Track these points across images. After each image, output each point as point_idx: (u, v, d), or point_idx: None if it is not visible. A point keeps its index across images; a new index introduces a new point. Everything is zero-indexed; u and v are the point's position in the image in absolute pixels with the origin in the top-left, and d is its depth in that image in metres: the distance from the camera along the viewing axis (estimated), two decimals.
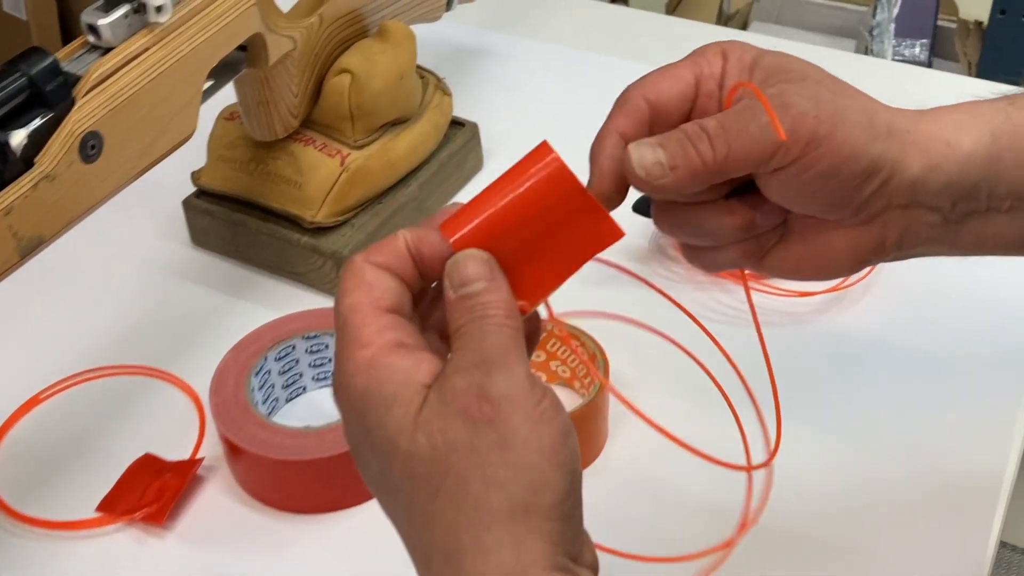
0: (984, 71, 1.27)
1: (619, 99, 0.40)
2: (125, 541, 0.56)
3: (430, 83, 0.76)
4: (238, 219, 0.70)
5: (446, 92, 0.76)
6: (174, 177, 0.71)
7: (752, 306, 0.43)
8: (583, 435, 0.57)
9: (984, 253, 0.42)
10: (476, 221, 0.36)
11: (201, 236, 0.73)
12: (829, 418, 0.60)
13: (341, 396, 0.35)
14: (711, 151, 0.38)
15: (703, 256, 0.42)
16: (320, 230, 0.69)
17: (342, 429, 0.55)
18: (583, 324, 0.61)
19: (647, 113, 0.40)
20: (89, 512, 0.56)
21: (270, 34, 0.61)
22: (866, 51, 1.57)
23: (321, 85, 0.69)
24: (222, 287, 0.71)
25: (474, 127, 0.78)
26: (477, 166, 0.79)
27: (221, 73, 0.61)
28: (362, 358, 0.33)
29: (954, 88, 0.88)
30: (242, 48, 0.61)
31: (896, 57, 1.58)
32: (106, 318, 0.69)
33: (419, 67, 0.76)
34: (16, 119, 0.48)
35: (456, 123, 0.78)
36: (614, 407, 0.60)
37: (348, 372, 0.34)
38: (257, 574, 0.55)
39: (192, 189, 0.73)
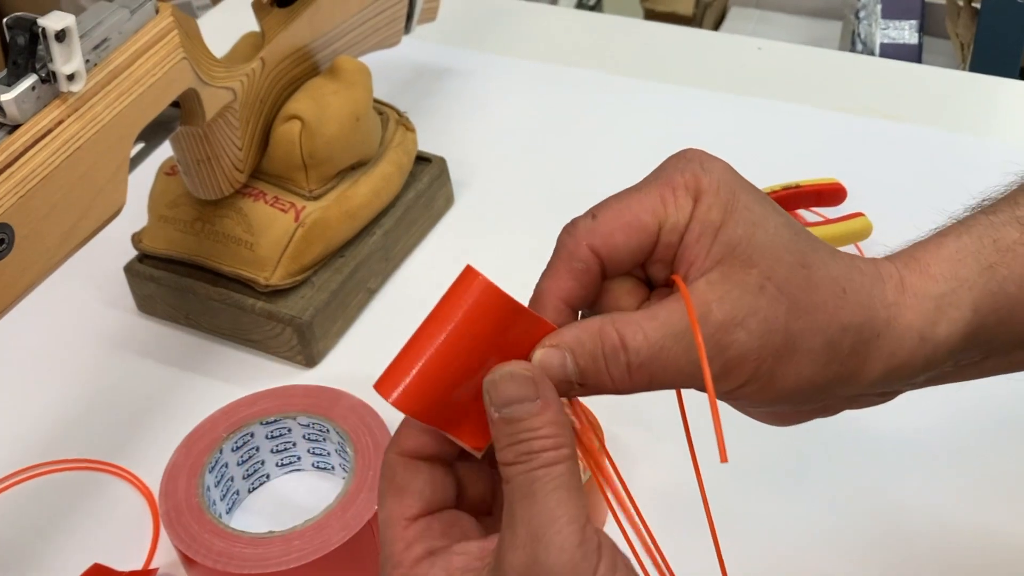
0: (979, 56, 1.21)
1: (564, 249, 0.34)
2: None
3: (390, 119, 0.70)
4: (186, 284, 0.64)
5: (409, 128, 0.70)
6: (116, 235, 0.65)
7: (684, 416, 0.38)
8: None
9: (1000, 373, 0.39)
10: (414, 370, 0.32)
11: (147, 303, 0.67)
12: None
13: None
14: (628, 378, 0.33)
15: None
16: (276, 293, 0.63)
17: (312, 530, 0.50)
18: None
19: (597, 269, 0.34)
20: None
21: (205, 87, 0.54)
22: (853, 35, 1.51)
23: (269, 132, 0.63)
24: (174, 360, 0.65)
25: (442, 162, 0.72)
26: (447, 204, 0.73)
27: (152, 134, 0.54)
28: None
29: (945, 85, 0.82)
30: (175, 104, 0.55)
31: (884, 39, 1.52)
32: (46, 403, 0.62)
33: (377, 102, 0.70)
34: None
35: (422, 159, 0.71)
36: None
37: None
38: None
39: (134, 251, 0.66)
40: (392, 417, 0.58)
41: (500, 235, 0.72)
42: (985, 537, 0.52)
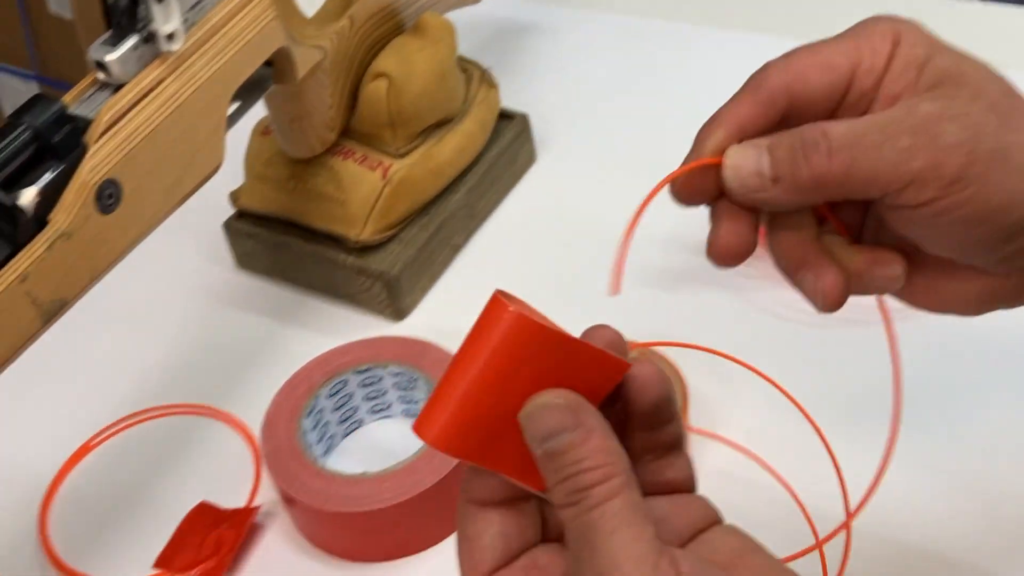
0: None
1: (753, 80, 0.33)
2: None
3: (474, 76, 0.71)
4: (281, 241, 0.67)
5: (491, 85, 0.71)
6: (216, 193, 0.68)
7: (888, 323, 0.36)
8: None
9: None
10: (450, 410, 0.30)
11: (246, 259, 0.70)
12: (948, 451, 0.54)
13: None
14: (827, 165, 0.31)
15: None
16: (366, 249, 0.65)
17: (404, 473, 0.52)
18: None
19: (782, 107, 0.33)
20: (146, 568, 0.54)
21: (296, 46, 0.56)
22: None
23: (357, 91, 0.65)
24: (272, 313, 0.68)
25: (524, 119, 0.73)
26: (529, 161, 0.74)
27: (247, 93, 0.57)
28: None
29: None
30: (268, 63, 0.57)
31: None
32: (154, 353, 0.66)
33: (461, 59, 0.71)
34: (25, 176, 0.44)
35: (504, 116, 0.73)
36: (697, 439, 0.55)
37: None
38: None
39: (232, 209, 0.69)
40: None
41: (583, 192, 0.72)
42: None
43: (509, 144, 0.72)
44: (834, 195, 0.32)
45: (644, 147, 0.74)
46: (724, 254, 0.33)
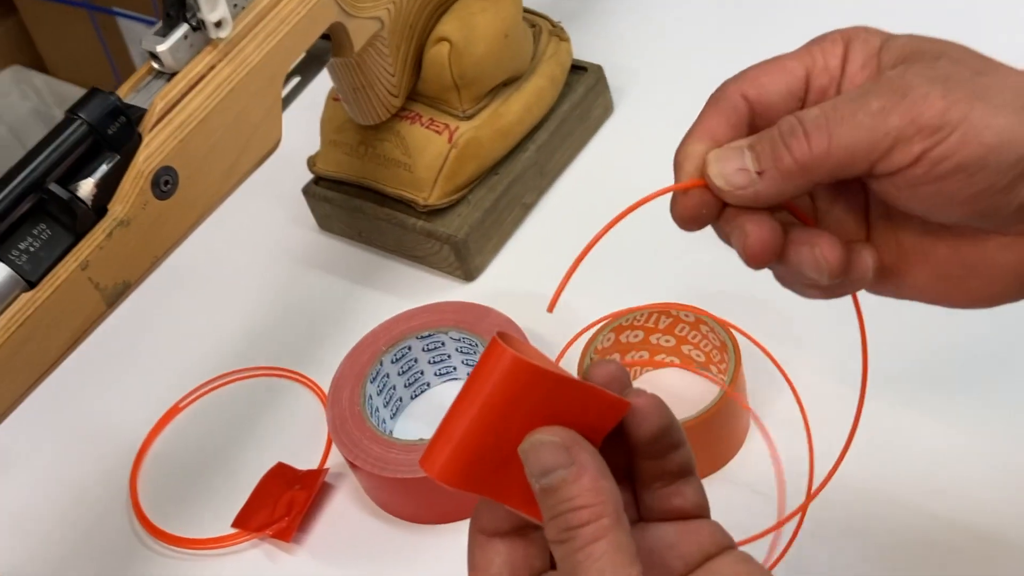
0: None
1: (713, 95, 0.34)
2: (259, 558, 0.56)
3: (543, 31, 0.70)
4: (356, 205, 0.68)
5: (562, 38, 0.70)
6: (298, 158, 0.70)
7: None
8: (711, 438, 0.52)
9: None
10: (451, 446, 0.31)
11: (325, 221, 0.72)
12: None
13: None
14: (806, 147, 0.31)
15: (794, 283, 0.35)
16: (435, 211, 0.65)
17: None
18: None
19: (745, 112, 0.33)
20: (225, 527, 0.57)
21: (351, 20, 0.57)
22: None
23: (421, 55, 0.65)
24: (350, 274, 0.69)
25: (598, 70, 0.71)
26: (605, 113, 0.73)
27: (307, 67, 0.58)
28: None
29: None
30: (325, 36, 0.57)
31: None
32: (239, 315, 0.69)
33: (528, 12, 0.70)
34: (83, 168, 0.47)
35: (578, 67, 0.71)
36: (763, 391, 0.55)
37: None
38: None
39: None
40: (544, 334, 0.60)
41: (663, 144, 0.70)
42: None
43: (582, 98, 0.71)
44: (823, 177, 0.32)
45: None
46: (759, 254, 0.33)
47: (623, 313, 0.56)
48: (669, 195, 0.34)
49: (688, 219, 0.33)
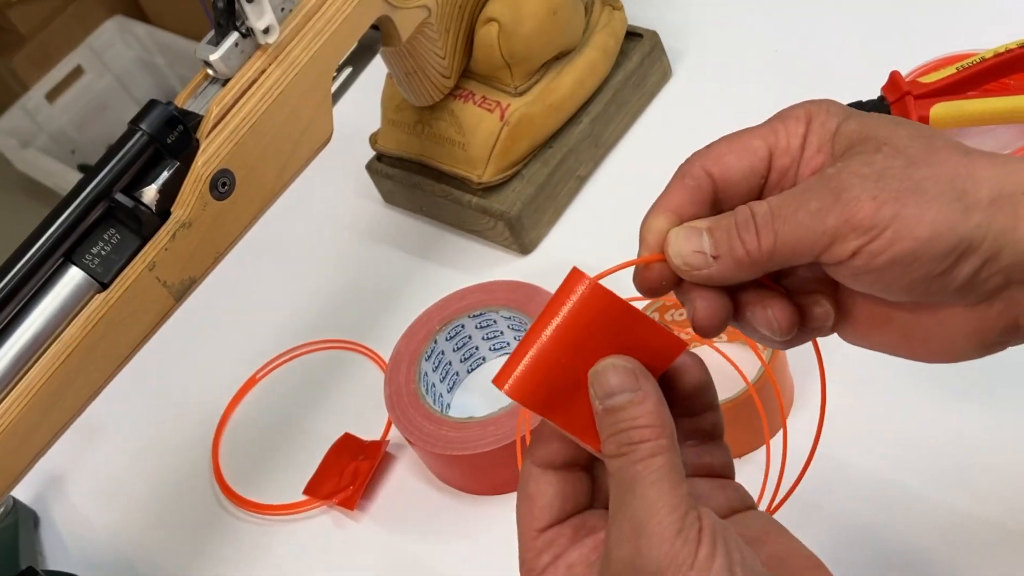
0: None
1: (680, 169, 0.36)
2: (327, 524, 0.61)
3: (595, 1, 0.70)
4: (415, 181, 0.71)
5: (616, 7, 0.70)
6: (363, 135, 0.72)
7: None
8: (746, 423, 0.53)
9: None
10: (524, 362, 0.34)
11: (389, 196, 0.74)
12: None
13: None
14: (756, 241, 0.33)
15: (758, 336, 0.36)
16: (490, 188, 0.67)
17: (505, 417, 0.56)
18: None
19: (709, 189, 0.35)
20: (297, 494, 0.62)
21: (396, 11, 0.58)
22: None
23: (473, 35, 0.66)
24: (412, 248, 0.72)
25: (654, 36, 0.72)
26: (663, 78, 0.73)
27: (358, 57, 0.60)
28: None
29: None
30: (374, 27, 0.59)
31: None
32: (311, 288, 0.73)
33: None
34: (146, 176, 0.50)
35: (632, 35, 0.72)
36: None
37: None
38: (443, 555, 0.58)
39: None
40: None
41: (723, 109, 0.70)
42: None
43: (638, 66, 0.71)
44: (773, 267, 0.34)
45: (788, 58, 0.71)
46: (706, 327, 0.35)
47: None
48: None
49: (648, 290, 0.36)
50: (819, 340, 0.38)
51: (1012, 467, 0.50)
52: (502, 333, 0.62)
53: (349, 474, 0.61)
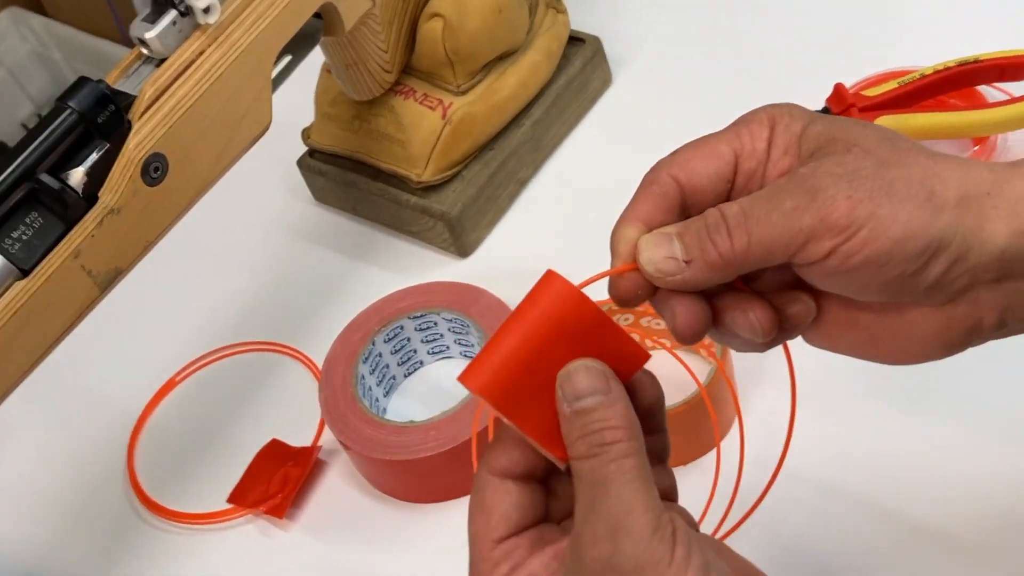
0: None
1: (645, 178, 0.35)
2: (252, 533, 0.58)
3: (540, 3, 0.69)
4: (350, 179, 0.68)
5: (559, 10, 0.70)
6: (295, 130, 0.70)
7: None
8: (696, 427, 0.53)
9: None
10: (495, 361, 0.33)
11: (321, 194, 0.72)
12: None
13: None
14: (728, 243, 0.33)
15: (719, 337, 0.36)
16: (429, 187, 0.66)
17: (447, 422, 0.54)
18: None
19: (676, 196, 0.35)
20: (221, 502, 0.58)
21: (341, 0, 0.56)
22: None
23: (416, 30, 0.64)
24: (344, 249, 0.70)
25: (596, 42, 0.71)
26: (604, 85, 0.72)
27: (298, 45, 0.57)
28: None
29: None
30: (317, 15, 0.57)
31: None
32: (236, 288, 0.70)
33: None
34: (73, 157, 0.47)
35: (575, 39, 0.71)
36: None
37: None
38: (377, 564, 0.55)
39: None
40: None
41: (661, 118, 0.70)
42: None
43: (580, 70, 0.70)
44: (747, 268, 0.33)
45: (730, 68, 0.71)
46: (688, 334, 0.34)
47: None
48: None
49: (624, 300, 0.35)
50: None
51: (956, 476, 0.50)
52: (442, 336, 0.60)
53: (277, 481, 0.58)
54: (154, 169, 0.49)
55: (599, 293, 0.35)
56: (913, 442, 0.52)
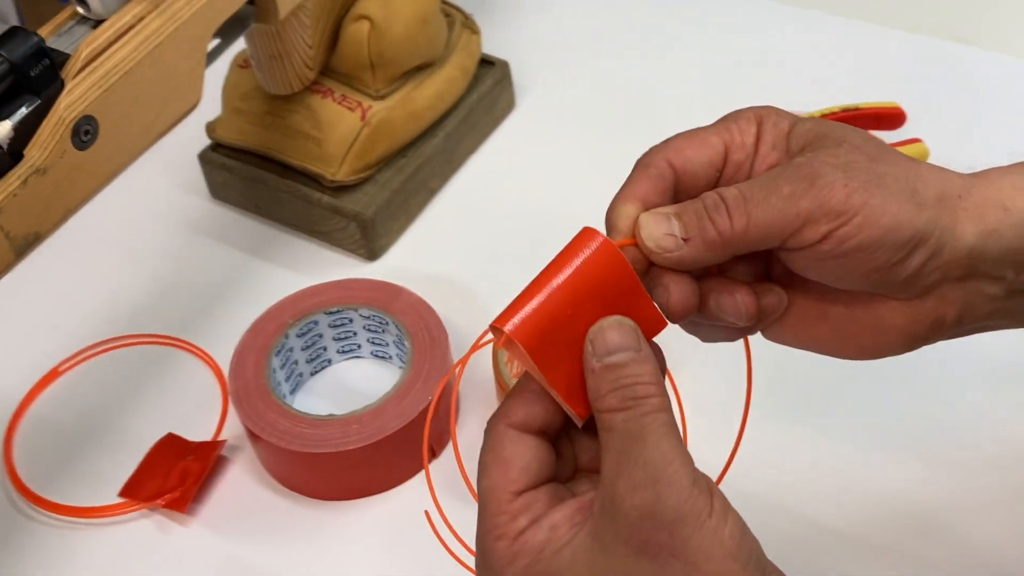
0: None
1: (640, 161, 0.37)
2: (148, 528, 0.55)
3: (456, 21, 0.71)
4: (257, 175, 0.67)
5: (474, 30, 0.71)
6: (192, 123, 0.67)
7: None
8: None
9: None
10: (531, 306, 0.33)
11: (220, 190, 0.70)
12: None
13: None
14: (728, 223, 0.34)
15: (692, 327, 0.38)
16: (342, 188, 0.65)
17: (370, 416, 0.53)
18: None
19: (671, 179, 0.36)
20: (111, 496, 0.55)
21: None
22: None
23: (339, 30, 0.64)
24: (244, 246, 0.68)
25: (505, 66, 0.73)
26: (508, 107, 0.74)
27: (228, 30, 0.56)
28: (502, 549, 0.34)
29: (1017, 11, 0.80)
30: (250, 2, 0.56)
31: None
32: (127, 281, 0.67)
33: (444, 3, 0.71)
34: (1, 110, 0.44)
35: (486, 61, 0.72)
36: None
37: (495, 568, 0.34)
38: (283, 563, 0.53)
39: (208, 139, 0.69)
40: (462, 311, 0.61)
41: (559, 143, 0.73)
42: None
43: (490, 90, 0.72)
44: (741, 249, 0.35)
45: (623, 105, 0.74)
46: (679, 311, 0.36)
47: None
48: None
49: None
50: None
51: (850, 481, 0.54)
52: (355, 334, 0.60)
53: (176, 475, 0.55)
54: (84, 132, 0.47)
55: None
56: (809, 451, 0.55)
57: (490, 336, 0.36)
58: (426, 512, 0.45)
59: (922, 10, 0.78)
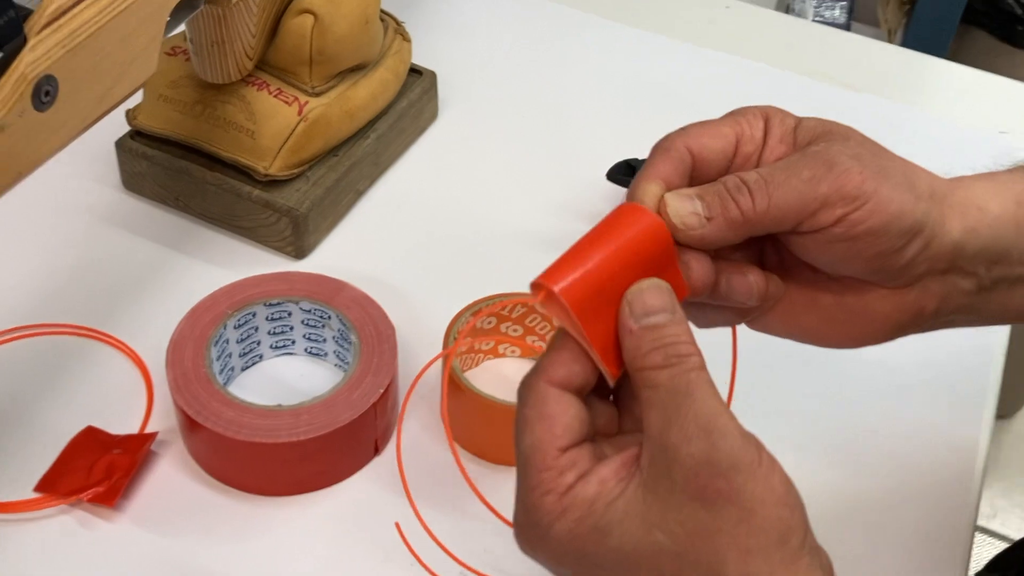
0: (910, 41, 1.28)
1: (660, 145, 0.38)
2: (69, 524, 0.51)
3: (390, 27, 0.71)
4: (181, 166, 0.64)
5: (406, 38, 0.72)
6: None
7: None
8: None
9: (1005, 322, 0.42)
10: (582, 270, 0.35)
11: (135, 180, 0.67)
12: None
13: (545, 548, 0.34)
14: (750, 203, 0.36)
15: (692, 310, 0.40)
16: (273, 183, 0.64)
17: (321, 407, 0.52)
18: None
19: (689, 163, 0.38)
20: (26, 492, 0.51)
21: None
22: (787, 10, 1.57)
23: (278, 24, 0.63)
24: (160, 239, 0.65)
25: (432, 76, 0.73)
26: (432, 117, 0.75)
27: (180, 9, 0.54)
28: (550, 504, 0.34)
29: (875, 54, 0.88)
30: None
31: (816, 17, 1.59)
32: (32, 269, 0.62)
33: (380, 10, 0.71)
34: None
35: (414, 71, 0.73)
36: None
37: (543, 524, 0.34)
38: (218, 559, 0.51)
39: (124, 126, 0.66)
40: (393, 311, 0.60)
41: (478, 153, 0.74)
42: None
43: (418, 98, 0.72)
44: (759, 230, 0.37)
45: (539, 124, 0.76)
46: (700, 286, 0.37)
47: (482, 300, 0.57)
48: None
49: None
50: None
51: None
52: (292, 329, 0.58)
53: (101, 469, 0.52)
54: (45, 93, 0.44)
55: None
56: None
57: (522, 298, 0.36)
58: (396, 523, 0.45)
59: (802, 57, 0.84)
